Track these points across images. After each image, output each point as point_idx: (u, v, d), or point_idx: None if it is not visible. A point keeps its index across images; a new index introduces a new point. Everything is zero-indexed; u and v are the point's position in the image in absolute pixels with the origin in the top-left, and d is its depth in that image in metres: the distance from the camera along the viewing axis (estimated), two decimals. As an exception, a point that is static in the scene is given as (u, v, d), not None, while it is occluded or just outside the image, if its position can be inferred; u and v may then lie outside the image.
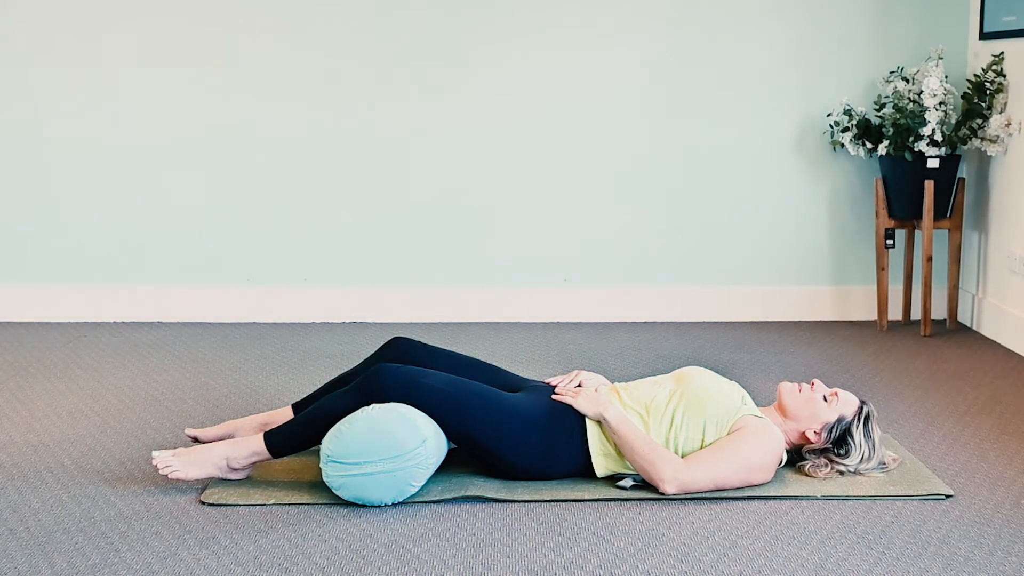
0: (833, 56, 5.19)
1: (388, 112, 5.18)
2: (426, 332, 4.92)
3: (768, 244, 5.30)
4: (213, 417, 3.82)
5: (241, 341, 4.91)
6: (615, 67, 5.19)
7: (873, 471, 3.23)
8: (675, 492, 3.06)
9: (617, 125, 5.22)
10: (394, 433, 2.98)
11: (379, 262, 5.28)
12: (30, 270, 5.27)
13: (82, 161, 5.20)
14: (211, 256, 5.27)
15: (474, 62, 5.18)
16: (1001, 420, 3.82)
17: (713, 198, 5.27)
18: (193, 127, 5.19)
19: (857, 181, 5.27)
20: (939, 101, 4.83)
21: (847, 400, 3.27)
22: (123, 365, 4.51)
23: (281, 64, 5.16)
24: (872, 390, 4.15)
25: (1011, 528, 2.91)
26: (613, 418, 3.13)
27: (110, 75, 5.15)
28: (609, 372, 4.33)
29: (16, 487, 3.17)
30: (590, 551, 2.76)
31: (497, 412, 3.11)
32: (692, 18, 5.17)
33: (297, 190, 5.23)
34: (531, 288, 5.31)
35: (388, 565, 2.68)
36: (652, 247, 5.29)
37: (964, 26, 5.18)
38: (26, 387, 4.20)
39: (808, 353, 4.73)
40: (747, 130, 5.23)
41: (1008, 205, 4.89)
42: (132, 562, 2.68)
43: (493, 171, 5.24)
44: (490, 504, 3.05)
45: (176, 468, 3.08)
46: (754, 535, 2.85)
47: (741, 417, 3.15)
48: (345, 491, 3.00)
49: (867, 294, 5.33)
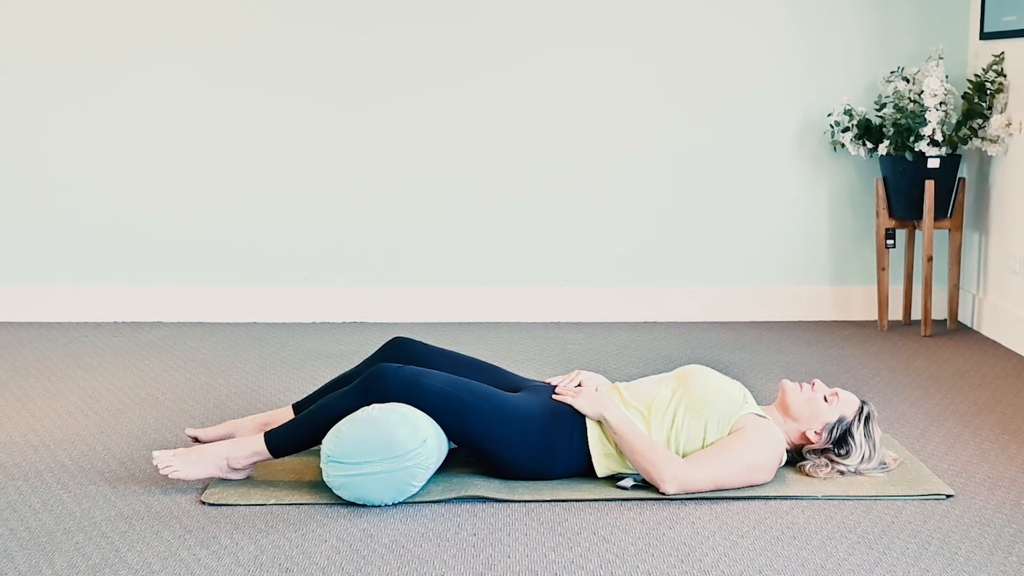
0: (833, 56, 5.19)
1: (388, 112, 5.18)
2: (426, 332, 4.92)
3: (768, 244, 5.30)
4: (213, 417, 3.82)
5: (241, 341, 4.91)
6: (614, 68, 5.19)
7: (874, 471, 3.23)
8: (675, 492, 3.06)
9: (617, 125, 5.22)
10: (394, 433, 2.98)
11: (379, 262, 5.28)
12: (30, 270, 5.27)
13: (82, 161, 5.20)
14: (211, 256, 5.27)
15: (474, 63, 5.18)
16: (1001, 420, 3.82)
17: (713, 198, 5.27)
18: (193, 127, 5.19)
19: (857, 181, 5.27)
20: (939, 101, 4.83)
21: (848, 400, 3.27)
22: (123, 365, 4.51)
23: (281, 64, 5.16)
24: (872, 390, 4.15)
25: (1011, 528, 2.91)
26: (613, 418, 3.12)
27: (109, 73, 5.15)
28: (609, 372, 4.33)
29: (16, 487, 3.17)
30: (590, 551, 2.76)
31: (497, 412, 3.11)
32: (692, 18, 5.17)
33: (297, 190, 5.23)
34: (531, 288, 5.31)
35: (388, 565, 2.68)
36: (653, 247, 5.29)
37: (964, 26, 5.18)
38: (26, 387, 4.20)
39: (808, 353, 4.73)
40: (747, 130, 5.23)
41: (1008, 205, 4.88)
42: (132, 562, 2.68)
43: (493, 171, 5.24)
44: (490, 504, 3.04)
45: (176, 468, 3.08)
46: (754, 535, 2.85)
47: (742, 416, 3.15)
48: (345, 491, 3.00)
49: (867, 294, 5.32)
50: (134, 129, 5.19)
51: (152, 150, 5.20)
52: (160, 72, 5.16)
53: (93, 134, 5.19)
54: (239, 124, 5.19)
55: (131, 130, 5.19)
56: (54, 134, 5.19)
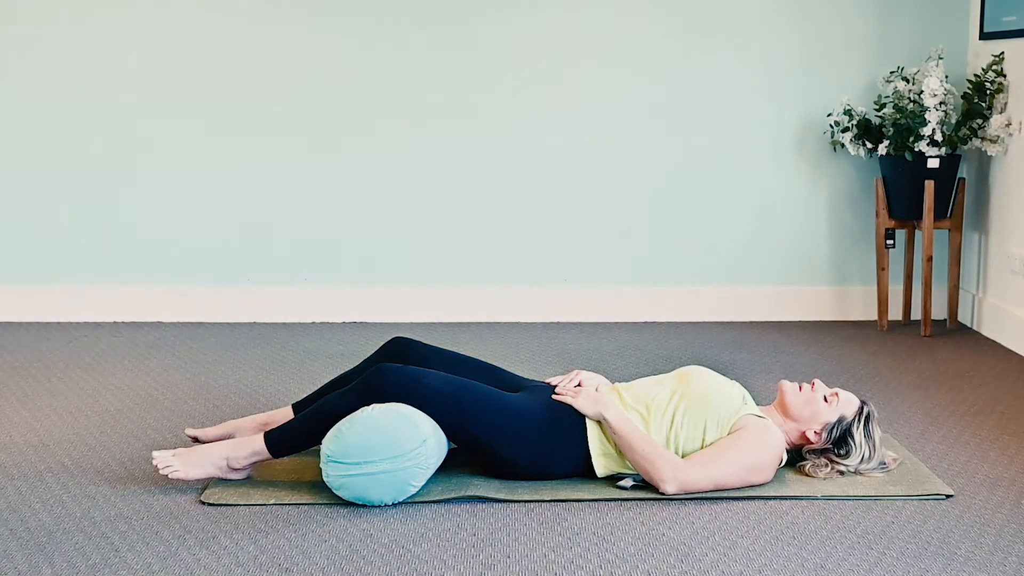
0: (833, 56, 5.19)
1: (389, 112, 5.18)
2: (426, 332, 4.92)
3: (768, 244, 5.30)
4: (213, 417, 3.82)
5: (241, 341, 4.91)
6: (615, 68, 5.19)
7: (873, 471, 3.23)
8: (675, 492, 3.06)
9: (617, 125, 5.22)
10: (394, 433, 2.98)
11: (379, 262, 5.29)
12: (30, 270, 5.27)
13: (82, 161, 5.20)
14: (212, 256, 5.27)
15: (474, 62, 5.18)
16: (1001, 420, 3.82)
17: (713, 198, 5.27)
18: (193, 127, 5.19)
19: (857, 181, 5.27)
20: (939, 101, 4.83)
21: (847, 400, 3.27)
22: (123, 365, 4.51)
23: (281, 64, 5.16)
24: (872, 390, 4.15)
25: (1011, 528, 2.91)
26: (613, 418, 3.12)
27: (108, 73, 5.15)
28: (609, 372, 4.33)
29: (16, 487, 3.17)
30: (590, 551, 2.76)
31: (497, 412, 3.11)
32: (692, 18, 5.17)
33: (297, 190, 5.23)
34: (531, 288, 5.31)
35: (388, 565, 2.68)
36: (653, 247, 5.29)
37: (964, 26, 5.18)
38: (26, 387, 4.20)
39: (808, 353, 4.73)
40: (747, 130, 5.23)
41: (1008, 205, 4.88)
42: (132, 562, 2.68)
43: (493, 171, 5.24)
44: (490, 504, 3.04)
45: (176, 468, 3.08)
46: (754, 535, 2.85)
47: (742, 417, 3.15)
48: (345, 491, 3.00)
49: (867, 294, 5.32)
50: (134, 129, 5.18)
51: (152, 150, 5.20)
52: (160, 72, 5.15)
53: (93, 134, 5.19)
54: (239, 124, 5.19)
55: (131, 130, 5.18)
56: (53, 134, 5.19)
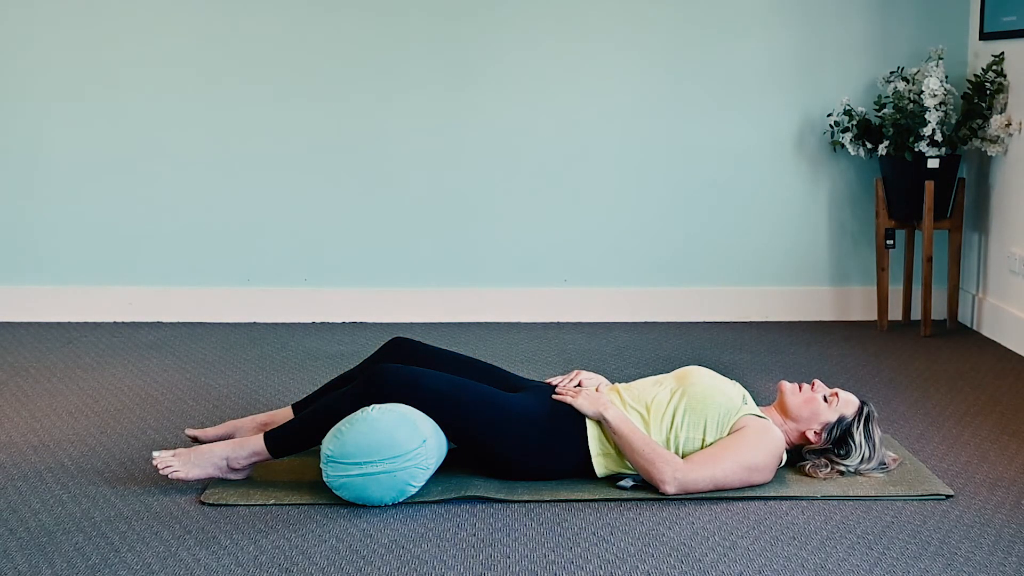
0: (833, 56, 5.19)
1: (389, 112, 5.18)
2: (426, 332, 4.92)
3: (768, 244, 5.30)
4: (213, 417, 3.82)
5: (241, 341, 4.91)
6: (615, 68, 5.19)
7: (873, 471, 3.23)
8: (675, 492, 3.06)
9: (617, 125, 5.22)
10: (394, 433, 2.98)
11: (379, 262, 5.28)
12: (30, 270, 5.27)
13: (82, 161, 5.20)
14: (211, 256, 5.27)
15: (475, 63, 5.18)
16: (1001, 420, 3.82)
17: (713, 198, 5.27)
18: (193, 127, 5.19)
19: (857, 181, 5.27)
20: (939, 101, 4.83)
21: (847, 400, 3.27)
22: (123, 365, 4.51)
23: (282, 65, 5.16)
24: (872, 390, 4.15)
25: (1011, 528, 2.91)
26: (613, 418, 3.12)
27: (108, 75, 5.15)
28: (609, 372, 4.33)
29: (16, 487, 3.17)
30: (590, 551, 2.76)
31: (497, 412, 3.11)
32: (692, 18, 5.17)
33: (297, 190, 5.23)
34: (531, 288, 5.31)
35: (388, 565, 2.68)
36: (652, 247, 5.29)
37: (964, 26, 5.18)
38: (26, 387, 4.20)
39: (808, 353, 4.73)
40: (747, 130, 5.23)
41: (1008, 205, 4.89)
42: (132, 562, 2.68)
43: (493, 171, 5.24)
44: (490, 504, 3.05)
45: (176, 468, 3.08)
46: (754, 535, 2.85)
47: (742, 417, 3.15)
48: (345, 491, 3.00)
49: (867, 294, 5.33)
50: (134, 129, 5.18)
51: (151, 150, 5.20)
52: (160, 72, 5.15)
53: (93, 134, 5.19)
54: (239, 124, 5.18)
55: (131, 130, 5.18)
56: (53, 134, 5.19)
